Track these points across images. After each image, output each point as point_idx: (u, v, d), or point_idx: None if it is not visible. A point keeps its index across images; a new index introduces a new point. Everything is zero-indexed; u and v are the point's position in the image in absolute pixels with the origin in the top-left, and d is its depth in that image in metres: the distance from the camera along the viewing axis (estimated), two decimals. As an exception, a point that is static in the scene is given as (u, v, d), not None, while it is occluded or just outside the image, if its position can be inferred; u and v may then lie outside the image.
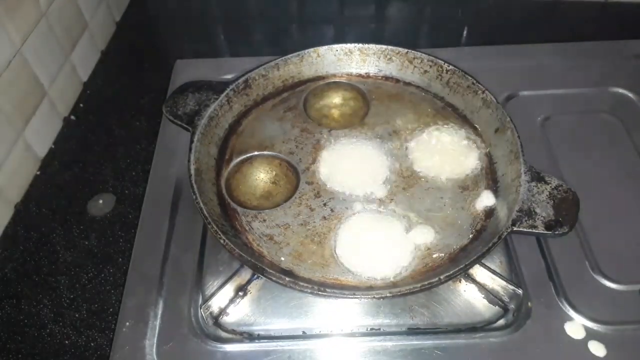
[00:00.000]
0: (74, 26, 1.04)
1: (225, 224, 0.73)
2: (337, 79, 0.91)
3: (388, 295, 0.63)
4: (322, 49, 0.90)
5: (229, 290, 0.71)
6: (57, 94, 0.98)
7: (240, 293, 0.72)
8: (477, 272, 0.72)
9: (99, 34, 1.14)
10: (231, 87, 0.84)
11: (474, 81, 0.83)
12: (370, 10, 1.29)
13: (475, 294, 0.72)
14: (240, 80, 0.86)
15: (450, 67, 0.86)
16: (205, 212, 0.68)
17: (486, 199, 0.75)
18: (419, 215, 0.74)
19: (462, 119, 0.85)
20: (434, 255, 0.70)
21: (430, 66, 0.88)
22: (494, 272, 0.72)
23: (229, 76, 0.99)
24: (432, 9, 1.29)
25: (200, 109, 0.81)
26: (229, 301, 0.71)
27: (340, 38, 1.24)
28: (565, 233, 0.67)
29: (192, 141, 0.77)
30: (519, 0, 1.27)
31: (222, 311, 0.71)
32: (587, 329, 0.69)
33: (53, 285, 0.78)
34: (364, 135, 0.84)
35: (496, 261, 0.75)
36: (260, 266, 0.65)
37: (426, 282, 0.63)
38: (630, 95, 0.98)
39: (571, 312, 0.70)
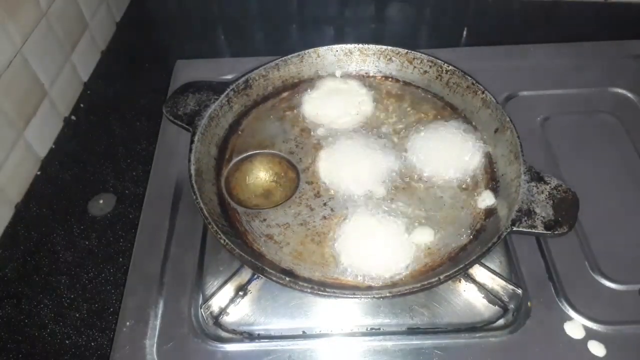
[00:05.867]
0: (75, 26, 1.05)
1: (226, 224, 0.73)
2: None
3: (388, 295, 0.63)
4: (322, 49, 0.90)
5: (229, 290, 0.71)
6: (58, 94, 0.98)
7: (241, 293, 0.72)
8: (477, 272, 0.72)
9: (99, 34, 1.14)
10: (231, 87, 0.84)
11: (474, 81, 0.83)
12: (370, 10, 1.29)
13: (475, 294, 0.73)
14: (241, 81, 0.86)
15: (450, 67, 0.86)
16: (205, 212, 0.68)
17: (486, 199, 0.75)
18: (418, 214, 0.74)
19: (462, 119, 0.85)
20: (434, 255, 0.70)
21: (430, 66, 0.88)
22: (493, 272, 0.72)
23: (229, 76, 0.99)
24: (432, 9, 1.29)
25: (201, 109, 0.81)
26: (229, 301, 0.71)
27: (340, 38, 1.24)
28: (565, 233, 0.67)
29: (192, 141, 0.77)
30: (519, 0, 1.27)
31: (223, 311, 0.71)
32: (586, 328, 0.69)
33: (53, 285, 0.78)
34: (364, 135, 0.84)
35: (496, 261, 0.75)
36: (260, 266, 0.65)
37: (426, 282, 0.63)
38: (630, 95, 0.98)
39: (571, 312, 0.71)
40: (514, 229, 0.67)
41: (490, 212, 0.74)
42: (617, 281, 0.73)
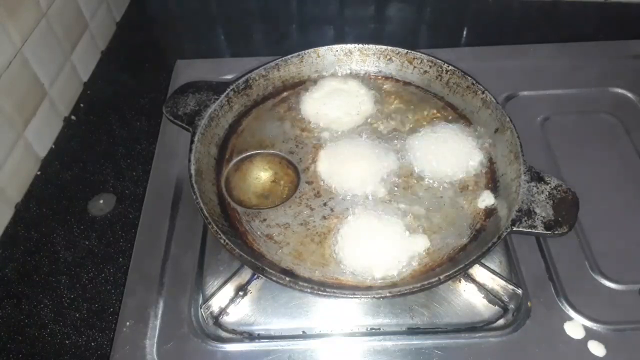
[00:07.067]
0: (75, 26, 1.05)
1: (226, 224, 0.73)
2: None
3: (388, 295, 0.63)
4: (322, 49, 0.90)
5: (229, 290, 0.71)
6: (58, 94, 0.98)
7: (241, 293, 0.72)
8: (477, 272, 0.72)
9: (99, 34, 1.14)
10: (231, 87, 0.84)
11: (474, 81, 0.83)
12: (370, 10, 1.29)
13: (475, 293, 0.73)
14: (241, 81, 0.86)
15: (450, 67, 0.86)
16: (205, 212, 0.68)
17: (486, 199, 0.75)
18: (418, 214, 0.74)
19: (462, 119, 0.85)
20: (434, 255, 0.70)
21: (430, 66, 0.88)
22: (493, 272, 0.72)
23: (229, 76, 0.99)
24: (432, 9, 1.29)
25: (201, 109, 0.81)
26: (229, 301, 0.71)
27: (340, 38, 1.24)
28: (565, 233, 0.67)
29: (192, 141, 0.77)
30: (519, 0, 1.27)
31: (223, 311, 0.71)
32: (586, 328, 0.69)
33: (53, 285, 0.78)
34: (364, 135, 0.84)
35: (496, 261, 0.75)
36: (260, 266, 0.65)
37: (426, 282, 0.63)
38: (630, 95, 0.98)
39: (571, 312, 0.71)
40: (514, 229, 0.67)
41: (490, 212, 0.74)
42: (617, 281, 0.73)
